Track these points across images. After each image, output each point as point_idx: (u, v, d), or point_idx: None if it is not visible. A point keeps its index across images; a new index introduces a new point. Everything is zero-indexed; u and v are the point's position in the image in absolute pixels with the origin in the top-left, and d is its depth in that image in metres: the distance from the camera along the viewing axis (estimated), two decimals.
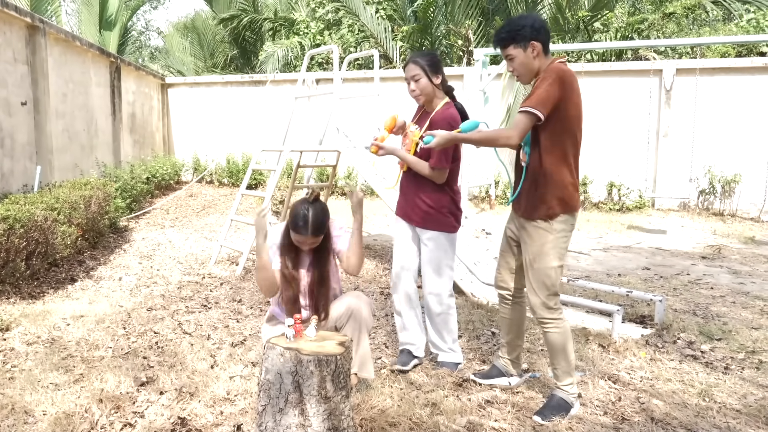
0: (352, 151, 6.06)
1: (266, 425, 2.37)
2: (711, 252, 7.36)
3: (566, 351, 2.91)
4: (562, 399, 2.92)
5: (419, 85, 3.34)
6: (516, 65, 2.90)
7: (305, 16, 15.43)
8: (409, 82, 3.36)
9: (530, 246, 2.91)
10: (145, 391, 3.12)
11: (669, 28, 13.14)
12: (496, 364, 3.33)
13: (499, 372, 3.29)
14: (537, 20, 2.87)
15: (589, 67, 10.93)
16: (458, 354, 3.51)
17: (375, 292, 5.23)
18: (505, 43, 2.89)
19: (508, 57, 2.90)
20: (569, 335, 2.93)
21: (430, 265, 3.40)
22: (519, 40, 2.83)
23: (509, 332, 3.25)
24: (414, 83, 3.35)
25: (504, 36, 2.88)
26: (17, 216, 4.73)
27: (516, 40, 2.84)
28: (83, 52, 9.75)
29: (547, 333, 2.93)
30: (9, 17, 7.43)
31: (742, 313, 4.77)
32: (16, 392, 3.05)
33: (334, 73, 6.60)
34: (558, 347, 2.91)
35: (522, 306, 3.21)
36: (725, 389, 3.25)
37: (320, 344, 2.46)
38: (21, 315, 4.31)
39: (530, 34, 2.81)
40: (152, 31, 27.80)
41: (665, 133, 10.66)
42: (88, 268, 5.93)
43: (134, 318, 4.39)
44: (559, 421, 2.82)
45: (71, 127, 9.19)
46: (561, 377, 2.94)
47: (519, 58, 2.86)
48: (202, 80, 13.87)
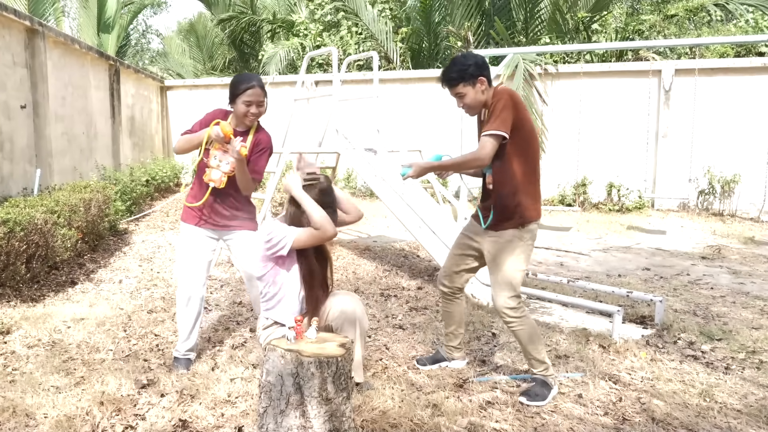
0: (351, 152, 6.06)
1: (267, 427, 2.37)
2: (711, 252, 7.36)
3: (534, 342, 3.15)
4: (543, 380, 3.15)
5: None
6: (467, 101, 3.13)
7: (304, 18, 15.43)
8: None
9: (500, 254, 3.12)
10: (146, 393, 3.12)
11: (670, 30, 13.15)
12: (439, 350, 3.62)
13: (441, 357, 3.57)
14: (479, 58, 3.15)
15: (588, 68, 10.94)
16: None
17: (375, 294, 5.23)
18: (454, 83, 3.12)
19: (459, 95, 3.13)
20: (534, 326, 3.17)
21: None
22: (467, 78, 3.08)
23: (451, 324, 3.54)
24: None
25: (454, 76, 3.11)
26: (17, 219, 4.74)
27: (464, 78, 3.08)
28: (82, 55, 9.76)
29: (514, 330, 3.15)
30: (8, 21, 7.44)
31: (742, 313, 4.77)
32: (17, 395, 3.05)
33: (333, 74, 6.61)
34: (526, 339, 3.14)
35: (461, 300, 3.51)
36: (726, 389, 3.25)
37: (321, 346, 2.47)
38: (21, 318, 4.31)
39: (476, 71, 3.07)
40: (152, 34, 27.81)
41: (664, 134, 10.67)
42: (88, 270, 5.93)
43: (135, 320, 4.39)
44: (549, 406, 2.82)
45: (70, 131, 9.19)
46: (536, 365, 3.17)
47: (470, 95, 3.11)
48: (201, 83, 13.88)
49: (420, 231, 5.44)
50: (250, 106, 3.32)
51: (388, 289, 5.39)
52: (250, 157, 3.39)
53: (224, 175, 3.38)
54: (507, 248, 3.11)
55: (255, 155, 3.43)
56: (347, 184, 12.23)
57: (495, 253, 3.15)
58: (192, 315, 3.52)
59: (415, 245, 7.30)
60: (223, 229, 3.53)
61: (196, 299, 3.50)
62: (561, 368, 3.53)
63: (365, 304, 4.85)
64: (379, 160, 6.26)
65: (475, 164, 3.09)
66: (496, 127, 2.98)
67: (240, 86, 3.31)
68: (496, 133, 2.98)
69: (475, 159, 3.04)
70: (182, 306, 3.51)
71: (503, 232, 3.12)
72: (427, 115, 11.32)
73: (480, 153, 3.01)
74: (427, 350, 3.82)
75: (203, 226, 3.48)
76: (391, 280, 5.74)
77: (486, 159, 3.02)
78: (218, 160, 3.37)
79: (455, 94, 3.15)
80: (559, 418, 2.89)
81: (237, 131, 3.40)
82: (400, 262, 6.54)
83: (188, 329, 3.52)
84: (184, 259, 3.50)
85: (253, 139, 3.44)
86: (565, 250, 7.51)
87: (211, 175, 3.39)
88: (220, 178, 3.38)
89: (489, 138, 3.00)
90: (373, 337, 4.05)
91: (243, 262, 3.57)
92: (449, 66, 3.16)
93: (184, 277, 3.50)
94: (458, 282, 3.44)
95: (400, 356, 3.70)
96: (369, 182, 5.67)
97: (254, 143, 3.44)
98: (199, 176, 3.46)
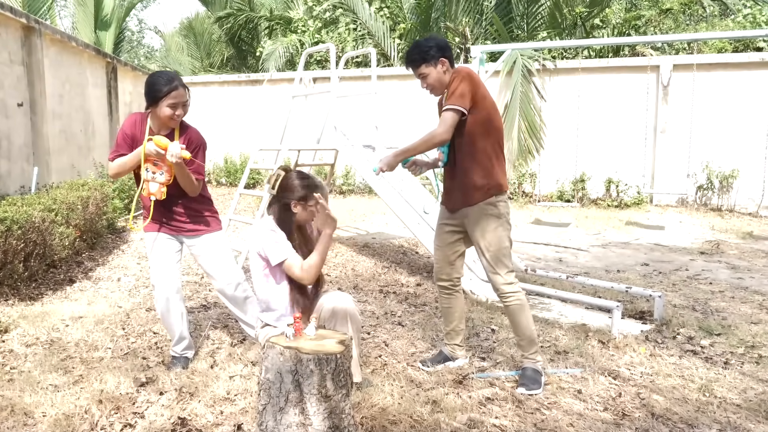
0: (349, 149, 6.05)
1: (267, 424, 2.36)
2: (709, 247, 7.37)
3: (528, 320, 3.21)
4: (533, 369, 3.19)
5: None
6: (430, 81, 3.22)
7: (302, 15, 15.40)
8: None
9: (483, 233, 3.18)
10: (145, 391, 3.11)
11: (666, 24, 13.14)
12: (442, 350, 3.56)
13: (445, 357, 3.51)
14: (441, 40, 3.26)
15: (586, 64, 10.93)
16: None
17: (374, 290, 5.23)
18: (417, 64, 3.21)
19: (421, 75, 3.22)
20: (527, 305, 3.24)
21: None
22: (429, 59, 3.18)
23: (452, 320, 3.51)
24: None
25: (416, 57, 3.21)
26: (15, 218, 4.72)
27: (426, 59, 3.18)
28: (79, 52, 9.72)
29: (509, 306, 3.20)
30: (4, 18, 7.40)
31: (741, 308, 4.77)
32: (15, 394, 3.04)
33: (331, 71, 6.59)
34: (520, 316, 3.19)
35: (460, 293, 3.52)
36: (725, 384, 3.25)
37: (320, 343, 2.46)
38: (20, 317, 4.29)
39: (437, 53, 3.17)
40: (147, 29, 27.73)
41: (663, 129, 10.67)
42: (86, 269, 5.92)
43: (133, 318, 4.38)
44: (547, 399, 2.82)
45: (68, 129, 9.17)
46: (527, 347, 3.22)
47: (432, 75, 3.20)
48: (198, 80, 13.85)
49: (418, 227, 5.43)
50: (175, 109, 3.15)
51: (387, 286, 5.39)
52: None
53: (162, 186, 3.24)
54: (483, 223, 3.17)
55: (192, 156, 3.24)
56: (345, 181, 12.22)
57: (477, 233, 3.20)
58: (176, 315, 3.45)
59: (414, 242, 7.29)
60: (186, 234, 3.44)
61: (174, 298, 3.43)
62: (560, 364, 3.53)
63: (364, 301, 4.85)
64: (377, 157, 6.25)
65: (436, 141, 3.13)
66: (453, 102, 3.07)
67: (162, 89, 3.11)
68: (454, 107, 3.06)
69: (435, 135, 3.10)
70: (163, 310, 3.43)
71: (474, 207, 3.18)
72: (424, 112, 11.30)
73: (439, 129, 3.09)
74: (426, 347, 3.82)
75: (164, 231, 3.41)
76: (390, 277, 5.74)
77: (446, 134, 3.08)
78: (151, 172, 3.21)
79: (418, 74, 3.23)
80: (558, 414, 2.89)
81: (161, 134, 3.23)
82: (398, 259, 6.53)
83: (177, 330, 3.47)
84: (153, 263, 3.42)
85: (182, 140, 3.29)
86: (563, 245, 7.51)
87: (149, 188, 3.24)
88: (159, 189, 3.24)
89: (448, 113, 3.08)
90: (372, 333, 4.05)
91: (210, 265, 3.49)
92: (411, 48, 3.27)
93: (157, 281, 3.42)
94: (456, 272, 3.46)
95: (400, 353, 3.70)
96: (367, 179, 5.66)
97: (187, 143, 3.30)
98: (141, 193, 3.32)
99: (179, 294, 3.47)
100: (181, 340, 3.50)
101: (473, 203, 3.19)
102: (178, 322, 3.47)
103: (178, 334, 3.49)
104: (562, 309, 4.69)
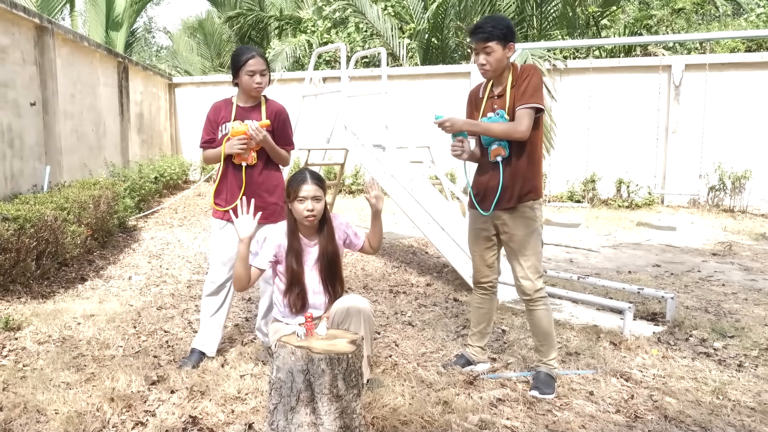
0: (359, 149, 6.04)
1: (277, 424, 2.36)
2: (722, 249, 7.30)
3: (551, 326, 3.20)
4: (547, 374, 3.16)
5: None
6: (492, 60, 3.06)
7: (312, 15, 15.42)
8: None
9: (521, 237, 3.13)
10: (156, 389, 3.12)
11: (678, 24, 13.05)
12: (464, 353, 3.50)
13: (467, 361, 3.44)
14: (512, 25, 3.12)
15: (597, 63, 10.87)
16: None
17: (384, 290, 5.22)
18: (488, 37, 3.02)
19: (486, 50, 3.04)
20: (552, 311, 3.23)
21: None
22: (501, 38, 3.02)
23: (481, 321, 3.45)
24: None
25: (491, 30, 3.02)
26: (27, 216, 4.75)
27: (498, 37, 3.02)
28: (91, 52, 9.78)
29: (537, 312, 3.16)
30: (18, 18, 7.46)
31: (754, 310, 4.73)
32: (28, 391, 3.06)
33: (341, 71, 6.59)
34: (546, 324, 3.16)
35: (496, 295, 3.46)
36: (739, 387, 3.22)
37: (331, 342, 2.45)
38: (32, 314, 4.33)
39: (510, 35, 3.04)
40: (157, 29, 27.84)
41: (674, 129, 10.59)
42: (97, 267, 5.95)
43: (144, 317, 4.40)
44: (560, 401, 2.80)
45: (80, 128, 9.22)
46: (548, 353, 3.19)
47: (497, 54, 3.04)
48: (209, 80, 13.89)
49: (429, 227, 5.42)
50: (254, 76, 3.35)
51: (397, 286, 5.38)
52: (274, 126, 3.41)
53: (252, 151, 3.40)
54: (522, 227, 3.11)
55: (279, 126, 3.46)
56: (355, 181, 12.21)
57: (513, 236, 3.14)
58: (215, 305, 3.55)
59: (424, 242, 7.28)
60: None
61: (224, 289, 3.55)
62: (572, 365, 3.51)
63: (374, 300, 4.85)
64: (387, 157, 6.24)
65: (514, 136, 3.01)
66: (535, 100, 2.98)
67: (241, 58, 3.36)
68: (535, 105, 2.98)
69: (515, 131, 2.99)
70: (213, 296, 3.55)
71: (513, 210, 3.12)
72: (434, 111, 11.26)
73: (521, 128, 2.98)
74: (437, 347, 3.81)
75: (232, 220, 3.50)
76: (399, 277, 5.73)
77: (526, 132, 2.98)
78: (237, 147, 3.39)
79: (483, 48, 3.04)
80: (570, 415, 2.87)
81: (247, 108, 3.44)
82: (408, 259, 6.52)
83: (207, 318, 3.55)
84: (215, 250, 3.55)
85: (268, 112, 3.46)
86: (574, 246, 7.47)
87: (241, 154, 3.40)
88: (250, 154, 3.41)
89: (527, 111, 2.98)
90: (383, 333, 4.04)
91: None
92: (486, 20, 3.09)
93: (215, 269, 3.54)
94: (494, 273, 3.40)
95: (410, 353, 3.69)
96: (377, 179, 5.65)
97: (271, 115, 3.46)
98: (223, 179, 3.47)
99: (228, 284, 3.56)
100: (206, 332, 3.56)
101: (513, 206, 3.12)
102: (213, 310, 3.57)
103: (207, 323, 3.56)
104: (573, 310, 4.66)
